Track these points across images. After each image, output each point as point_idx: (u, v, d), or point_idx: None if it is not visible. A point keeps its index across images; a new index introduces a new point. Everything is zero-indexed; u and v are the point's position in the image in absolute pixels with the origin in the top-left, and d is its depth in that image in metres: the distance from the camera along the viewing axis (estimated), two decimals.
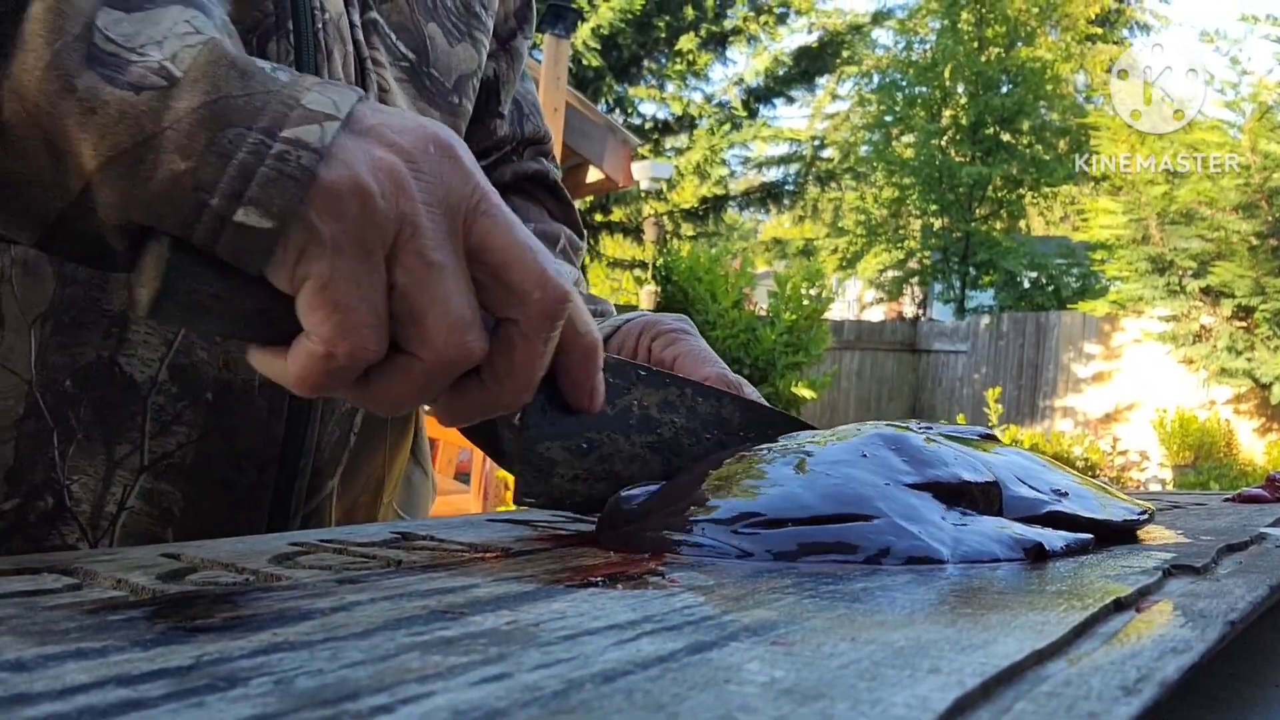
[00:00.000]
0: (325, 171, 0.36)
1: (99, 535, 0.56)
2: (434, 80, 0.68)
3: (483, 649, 0.25)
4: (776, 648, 0.26)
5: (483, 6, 0.73)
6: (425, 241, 0.37)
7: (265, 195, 0.35)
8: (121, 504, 0.56)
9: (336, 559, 0.39)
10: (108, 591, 0.31)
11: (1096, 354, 10.18)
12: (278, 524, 0.62)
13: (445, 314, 0.38)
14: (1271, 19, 9.05)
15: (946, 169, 13.42)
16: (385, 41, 0.65)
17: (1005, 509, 0.48)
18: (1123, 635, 0.29)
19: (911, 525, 0.42)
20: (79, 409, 0.55)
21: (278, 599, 0.30)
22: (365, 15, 0.64)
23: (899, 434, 0.49)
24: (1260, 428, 8.84)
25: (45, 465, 0.55)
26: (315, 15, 0.58)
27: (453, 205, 0.38)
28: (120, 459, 0.56)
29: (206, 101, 0.35)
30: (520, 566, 0.39)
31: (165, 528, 0.57)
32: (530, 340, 0.41)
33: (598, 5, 11.29)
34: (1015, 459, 0.53)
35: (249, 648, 0.24)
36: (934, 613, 0.31)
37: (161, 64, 0.35)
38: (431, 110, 0.68)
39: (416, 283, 0.37)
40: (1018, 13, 13.82)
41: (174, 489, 0.57)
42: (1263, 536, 0.52)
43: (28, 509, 0.55)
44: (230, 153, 0.35)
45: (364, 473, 0.68)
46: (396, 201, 0.37)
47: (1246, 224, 8.35)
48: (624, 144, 6.63)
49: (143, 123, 0.35)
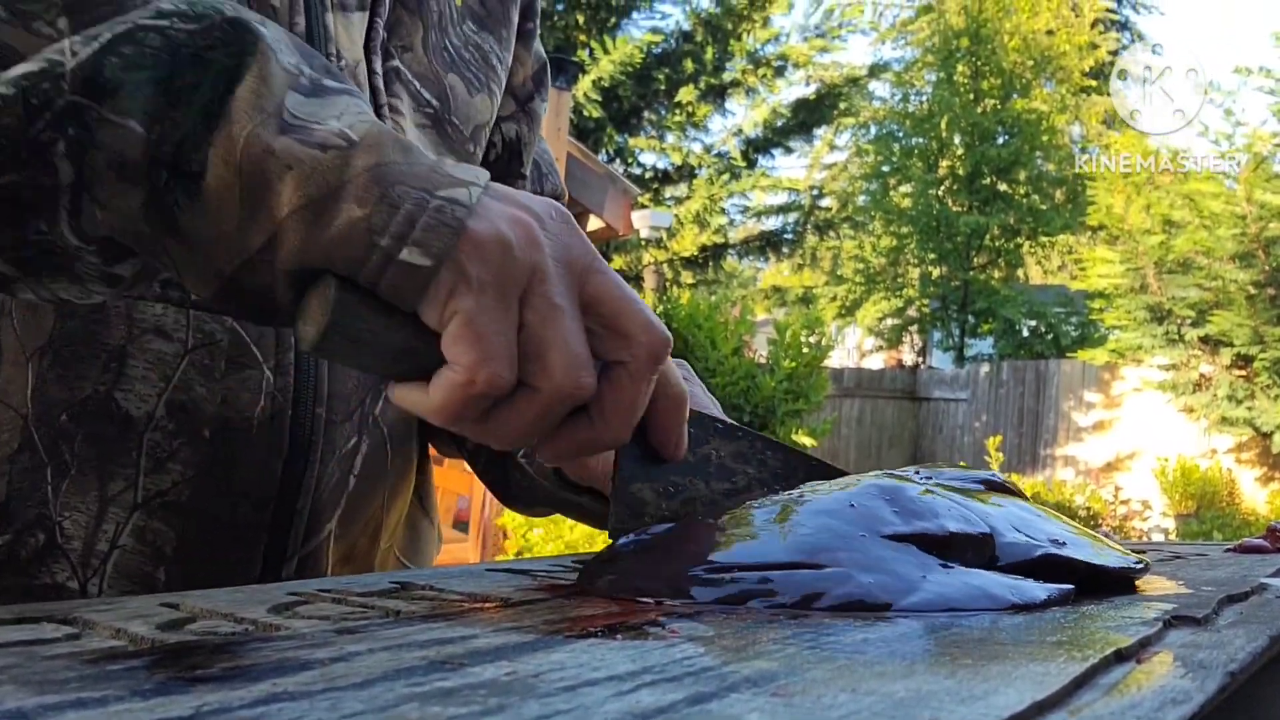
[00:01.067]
0: (474, 223, 0.42)
1: (89, 573, 0.56)
2: (454, 128, 0.71)
3: (482, 700, 0.25)
4: (776, 699, 0.26)
5: (499, 60, 0.75)
6: (551, 287, 0.43)
7: (426, 238, 0.41)
8: (113, 542, 0.56)
9: (335, 609, 0.39)
10: (107, 641, 0.31)
11: (1097, 402, 10.17)
12: (272, 565, 0.61)
13: (565, 350, 0.43)
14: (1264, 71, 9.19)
15: (944, 218, 13.52)
16: (409, 89, 0.67)
17: (1000, 555, 0.48)
18: (1123, 686, 0.29)
19: (866, 574, 0.43)
20: (74, 444, 0.55)
21: (277, 649, 0.30)
22: (387, 64, 0.66)
23: (895, 485, 0.50)
24: (1262, 477, 8.81)
25: (38, 501, 0.55)
26: (332, 60, 0.60)
27: (572, 261, 0.44)
28: (113, 496, 0.56)
29: (378, 163, 0.41)
30: (520, 617, 0.38)
31: (157, 567, 0.57)
32: (635, 380, 0.46)
33: (599, 58, 11.46)
34: (1013, 509, 0.53)
35: (249, 698, 0.24)
36: (934, 663, 0.31)
37: (341, 130, 0.42)
38: (449, 156, 0.70)
39: (542, 321, 0.43)
40: (1013, 65, 14.02)
41: (168, 527, 0.57)
42: (1263, 587, 0.52)
43: (18, 545, 0.55)
44: (398, 204, 0.41)
45: (363, 516, 0.68)
46: (529, 252, 0.42)
47: (1244, 273, 8.39)
48: (624, 193, 6.70)
49: (329, 176, 0.41)
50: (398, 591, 0.45)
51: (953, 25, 14.28)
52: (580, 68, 10.67)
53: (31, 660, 0.28)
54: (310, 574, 0.64)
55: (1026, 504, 0.55)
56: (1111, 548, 0.54)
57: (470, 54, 0.72)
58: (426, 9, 0.69)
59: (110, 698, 0.24)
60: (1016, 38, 14.10)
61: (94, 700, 0.24)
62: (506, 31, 0.76)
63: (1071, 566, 0.48)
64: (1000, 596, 0.43)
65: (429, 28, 0.69)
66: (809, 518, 0.46)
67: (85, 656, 0.29)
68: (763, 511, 0.48)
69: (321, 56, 0.46)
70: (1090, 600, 0.46)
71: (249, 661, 0.28)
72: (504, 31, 0.76)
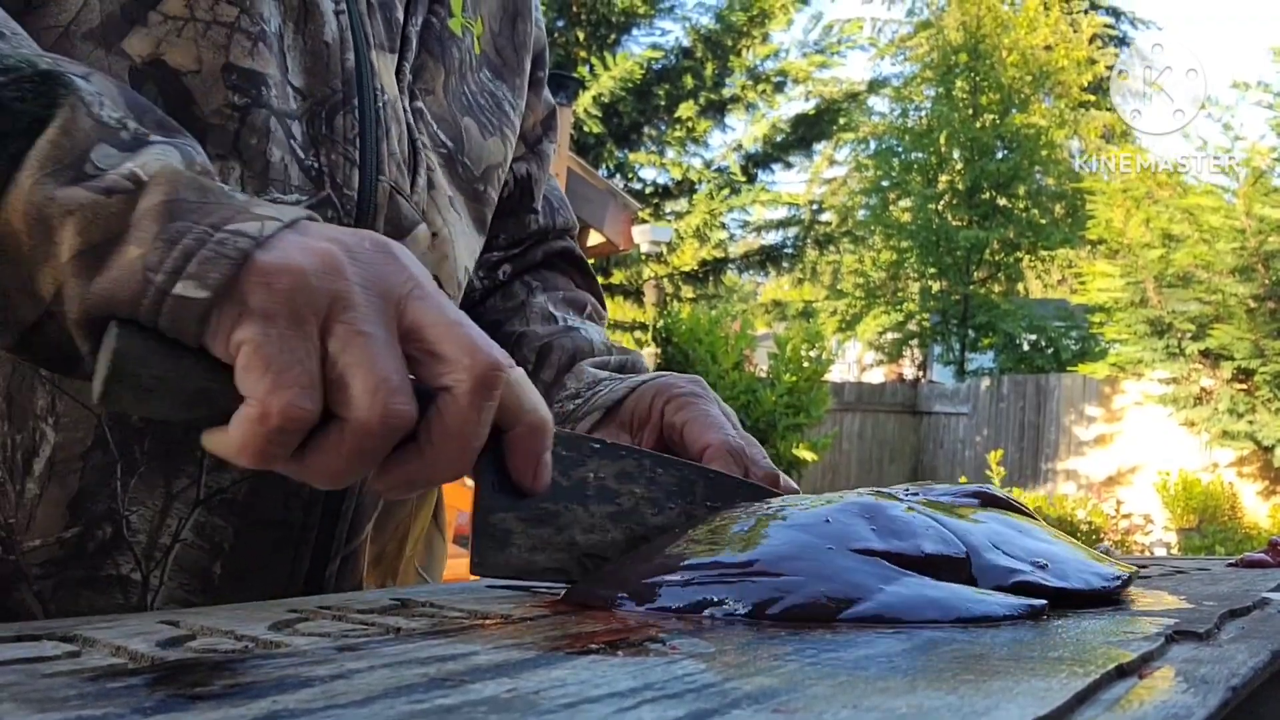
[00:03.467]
0: (260, 254, 0.41)
1: (152, 565, 0.58)
2: (466, 169, 0.73)
3: (482, 717, 0.24)
4: (778, 715, 0.26)
5: (511, 106, 0.78)
6: (356, 315, 0.41)
7: (202, 270, 0.40)
8: (176, 536, 0.58)
9: (336, 626, 0.39)
10: (107, 658, 0.31)
11: (1098, 416, 10.16)
12: (317, 565, 0.63)
13: (370, 374, 0.41)
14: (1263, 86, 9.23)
15: (944, 233, 13.55)
16: (429, 129, 0.69)
17: (979, 576, 0.48)
18: (1125, 702, 0.29)
19: (822, 584, 0.43)
20: (144, 443, 0.57)
21: (277, 666, 0.30)
22: (413, 103, 0.68)
23: (875, 503, 0.50)
24: (1264, 490, 8.79)
25: (108, 496, 0.56)
26: (377, 95, 0.63)
27: (387, 290, 0.43)
28: (178, 492, 0.58)
29: (165, 200, 0.41)
30: (520, 633, 0.38)
31: (214, 561, 0.59)
32: (462, 407, 0.43)
33: (599, 74, 11.51)
34: (994, 526, 0.53)
35: (249, 715, 0.24)
36: (936, 679, 0.31)
37: (131, 171, 0.41)
38: (460, 196, 0.72)
39: (345, 349, 0.41)
40: (1012, 80, 14.07)
41: (225, 524, 0.59)
42: (1265, 601, 0.52)
43: (87, 538, 0.56)
44: (177, 239, 0.40)
45: (394, 521, 0.71)
46: (329, 280, 0.41)
47: (1244, 287, 8.39)
48: (625, 208, 6.71)
49: (112, 221, 0.41)
50: (398, 608, 0.45)
51: (951, 41, 14.34)
52: (580, 84, 10.71)
53: (32, 678, 0.28)
54: (350, 574, 0.66)
55: (1014, 519, 0.55)
56: (1102, 561, 0.54)
57: (485, 100, 0.75)
58: (449, 55, 0.71)
59: (110, 715, 0.24)
60: (1015, 53, 14.16)
61: (94, 718, 0.23)
62: (520, 80, 0.79)
63: (1044, 591, 0.48)
64: (952, 607, 0.43)
65: (450, 73, 0.71)
66: (779, 531, 0.47)
67: (85, 674, 0.29)
68: (737, 525, 0.49)
69: (159, 113, 0.46)
70: (1092, 614, 0.46)
71: (249, 679, 0.28)
72: (518, 80, 0.79)
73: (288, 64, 0.59)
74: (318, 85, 0.60)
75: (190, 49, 0.56)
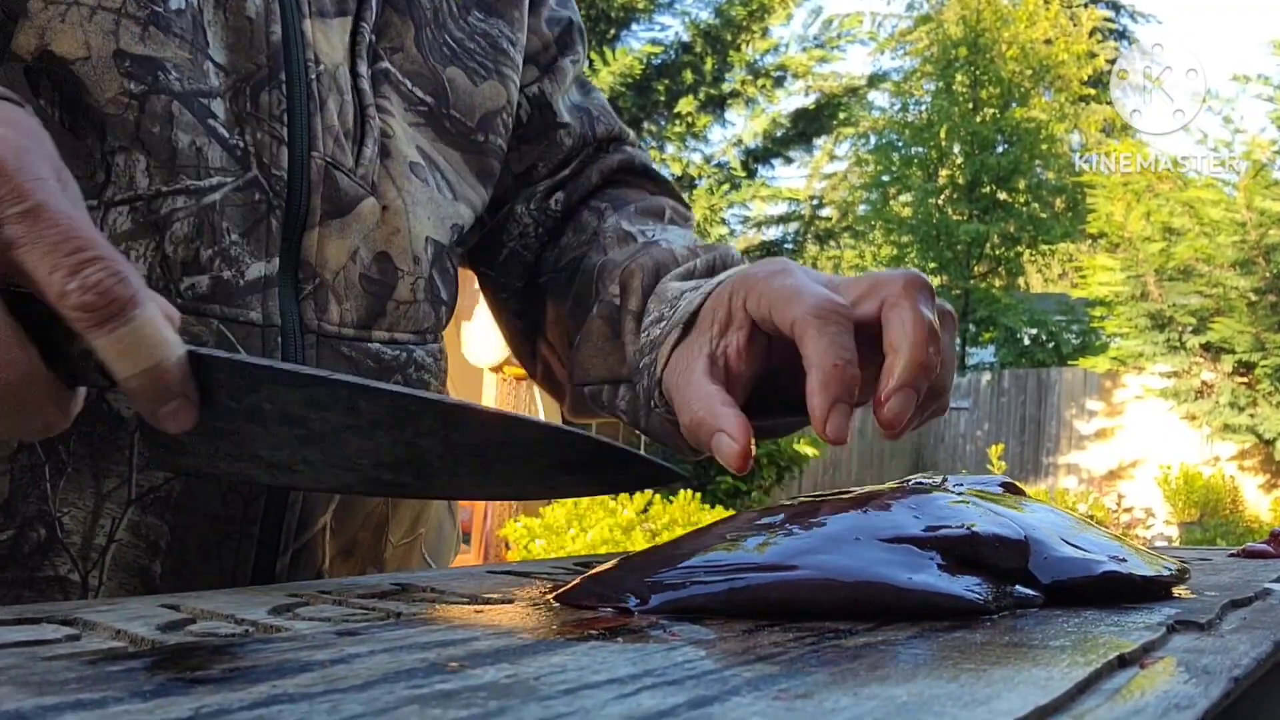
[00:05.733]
0: None
1: (89, 566, 0.57)
2: (456, 122, 0.70)
3: (482, 702, 0.24)
4: (778, 702, 0.26)
5: (510, 42, 0.74)
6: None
7: None
8: (111, 536, 0.57)
9: (336, 610, 0.39)
10: (107, 642, 0.31)
11: (1099, 410, 10.16)
12: (266, 559, 0.61)
13: None
14: (1263, 79, 9.22)
15: (944, 227, 13.54)
16: (400, 89, 0.67)
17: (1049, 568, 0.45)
18: (1126, 691, 0.29)
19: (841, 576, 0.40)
20: (69, 443, 0.56)
21: (277, 650, 0.30)
22: (376, 66, 0.66)
23: (922, 498, 0.47)
24: (1265, 484, 8.80)
25: (38, 497, 0.56)
26: (309, 67, 0.61)
27: None
28: (108, 492, 0.57)
29: None
30: (520, 619, 0.38)
31: (153, 560, 0.58)
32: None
33: (598, 70, 11.50)
34: (1049, 516, 0.50)
35: (248, 699, 0.24)
36: (937, 668, 0.31)
37: None
38: (452, 150, 0.70)
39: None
40: (1011, 74, 14.05)
41: (161, 522, 0.58)
42: (1267, 592, 0.52)
43: (22, 540, 0.56)
44: None
45: (361, 510, 0.68)
46: None
47: (1244, 280, 8.40)
48: None
49: None
50: (399, 593, 0.45)
51: (951, 35, 14.32)
52: None
53: (31, 661, 0.28)
54: (305, 567, 0.64)
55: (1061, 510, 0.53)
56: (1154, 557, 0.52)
57: (477, 43, 0.72)
58: (418, 8, 0.69)
59: (110, 699, 0.24)
60: (1015, 47, 14.13)
61: (93, 702, 0.23)
62: (518, 11, 0.76)
63: (1130, 583, 0.46)
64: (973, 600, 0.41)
65: (422, 25, 0.69)
66: (807, 524, 0.44)
67: (85, 658, 0.29)
68: (766, 519, 0.46)
69: None
70: (1093, 606, 0.46)
71: (249, 663, 0.28)
72: (515, 12, 0.75)
73: (207, 40, 0.58)
74: (241, 61, 0.59)
75: (76, 34, 0.54)
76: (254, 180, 0.59)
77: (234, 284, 0.59)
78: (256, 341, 0.59)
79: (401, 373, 0.67)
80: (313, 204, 0.61)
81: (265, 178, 0.59)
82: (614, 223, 0.76)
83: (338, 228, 0.62)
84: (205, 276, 0.58)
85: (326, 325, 0.62)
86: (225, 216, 0.58)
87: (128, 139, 0.55)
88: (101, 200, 0.56)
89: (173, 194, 0.57)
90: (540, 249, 0.81)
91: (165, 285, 0.57)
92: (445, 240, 0.70)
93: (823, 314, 0.52)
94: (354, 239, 0.63)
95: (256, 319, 0.59)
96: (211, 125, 0.58)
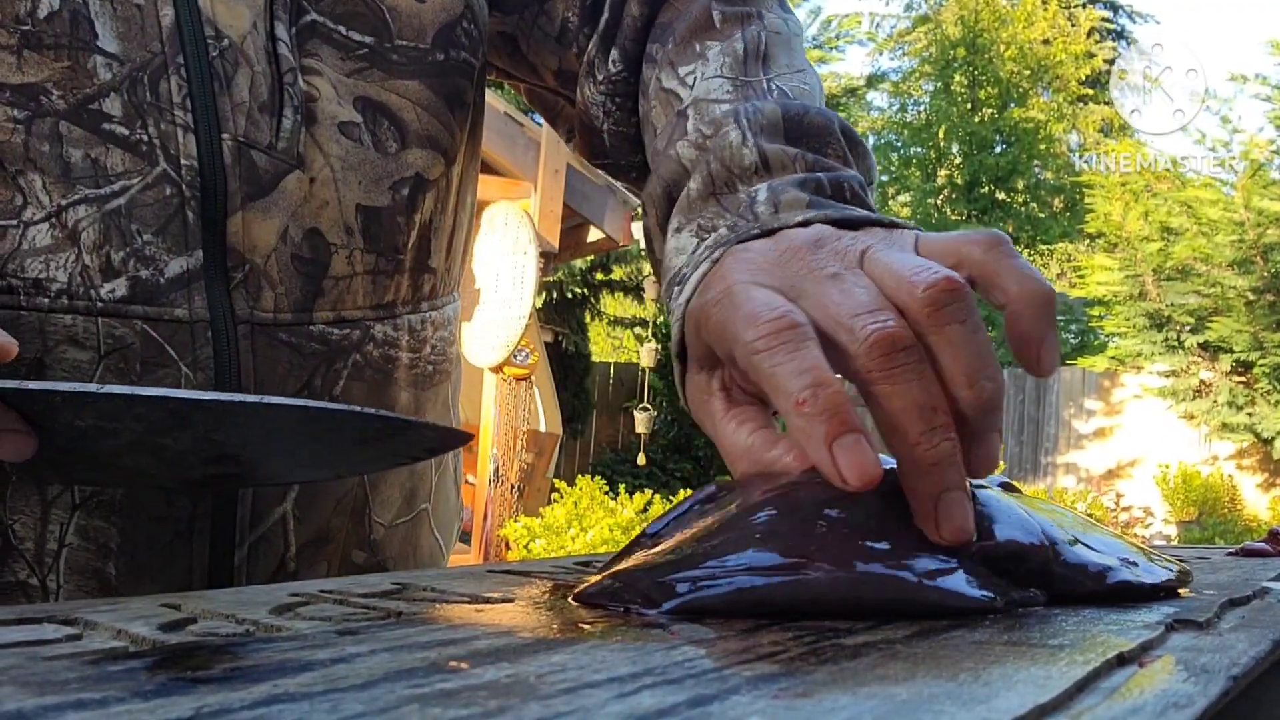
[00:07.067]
0: None
1: (45, 570, 0.57)
2: (404, 50, 0.65)
3: (483, 701, 0.25)
4: (778, 701, 0.26)
5: None
6: None
7: None
8: (61, 541, 0.57)
9: (337, 610, 0.39)
10: (108, 641, 0.31)
11: (1097, 410, 10.18)
12: (222, 554, 0.61)
13: None
14: (1261, 78, 9.23)
15: (943, 227, 13.56)
16: (333, 39, 0.63)
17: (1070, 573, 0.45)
18: (1124, 690, 0.29)
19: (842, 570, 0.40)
20: None
21: (278, 650, 0.30)
22: (300, 21, 0.62)
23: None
24: (1264, 483, 8.81)
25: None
26: (209, 45, 0.58)
27: None
28: (53, 499, 0.57)
29: None
30: (521, 618, 0.38)
31: (106, 562, 0.58)
32: None
33: None
34: (1059, 516, 0.49)
35: (249, 699, 0.24)
36: (936, 667, 0.31)
37: None
38: (409, 83, 0.65)
39: None
40: (1010, 74, 14.08)
41: (109, 525, 0.58)
42: (1266, 591, 0.52)
43: None
44: None
45: (330, 495, 0.66)
46: None
47: (1243, 279, 8.41)
48: (624, 204, 6.71)
49: None
50: (399, 592, 0.45)
51: (949, 35, 14.34)
52: None
53: (32, 660, 0.28)
54: (267, 559, 0.63)
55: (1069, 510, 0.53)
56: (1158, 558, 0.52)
57: None
58: None
59: (111, 699, 0.24)
60: (1013, 47, 14.16)
61: (94, 701, 0.24)
62: None
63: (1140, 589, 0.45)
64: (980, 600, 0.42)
65: None
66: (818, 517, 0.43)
67: (86, 657, 0.29)
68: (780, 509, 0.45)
69: None
70: (1092, 605, 0.46)
71: (250, 662, 0.28)
72: None
73: (95, 33, 0.55)
74: (134, 50, 0.56)
75: None
76: (163, 174, 0.57)
77: (154, 283, 0.57)
78: (185, 338, 0.58)
79: (358, 351, 0.65)
80: (230, 188, 0.58)
81: (174, 169, 0.57)
82: (656, 82, 0.67)
83: (262, 208, 0.59)
84: (122, 279, 0.57)
85: (260, 314, 0.60)
86: (134, 218, 0.57)
87: (20, 162, 0.55)
88: (20, 220, 0.55)
89: (73, 205, 0.56)
90: (631, 117, 0.73)
91: (86, 292, 0.56)
92: (383, 203, 0.65)
93: (757, 347, 0.42)
94: (281, 218, 0.60)
95: (183, 315, 0.58)
96: (107, 130, 0.56)
